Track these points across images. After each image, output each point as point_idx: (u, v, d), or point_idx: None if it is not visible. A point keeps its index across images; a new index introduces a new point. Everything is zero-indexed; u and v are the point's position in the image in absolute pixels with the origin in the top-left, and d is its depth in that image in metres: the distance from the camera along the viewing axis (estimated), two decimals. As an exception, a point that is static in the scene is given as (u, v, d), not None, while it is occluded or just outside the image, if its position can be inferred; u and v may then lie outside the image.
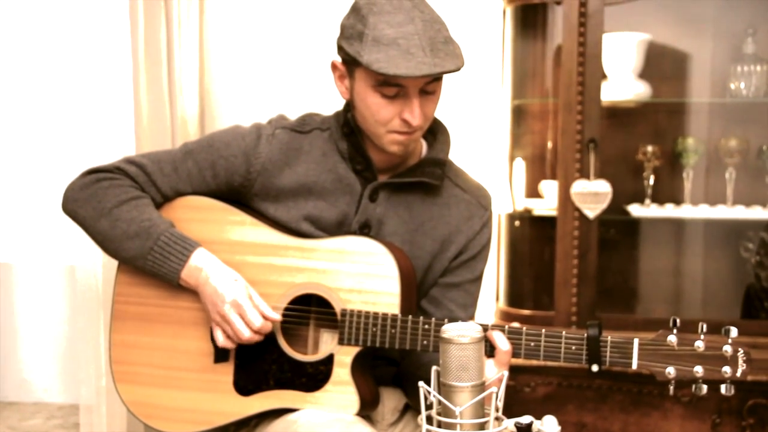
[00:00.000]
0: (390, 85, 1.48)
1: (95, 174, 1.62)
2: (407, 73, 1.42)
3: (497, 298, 2.76)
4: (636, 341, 1.43)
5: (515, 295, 2.77)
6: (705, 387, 1.41)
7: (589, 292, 2.48)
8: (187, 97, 2.84)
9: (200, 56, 2.92)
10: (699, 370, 1.40)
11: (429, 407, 1.23)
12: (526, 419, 1.27)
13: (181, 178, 1.63)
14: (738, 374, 1.39)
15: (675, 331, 1.41)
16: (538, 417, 1.30)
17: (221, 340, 1.55)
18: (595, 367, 1.44)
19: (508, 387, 1.45)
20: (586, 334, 1.45)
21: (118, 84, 2.64)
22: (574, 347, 1.45)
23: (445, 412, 1.20)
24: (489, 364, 1.44)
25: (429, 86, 1.51)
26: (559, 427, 1.27)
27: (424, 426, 1.20)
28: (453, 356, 1.18)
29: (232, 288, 1.53)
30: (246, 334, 1.51)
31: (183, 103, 2.82)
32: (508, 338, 1.47)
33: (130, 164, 1.63)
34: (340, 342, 1.53)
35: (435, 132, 1.67)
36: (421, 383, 1.23)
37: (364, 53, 1.45)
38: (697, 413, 2.32)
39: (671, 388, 1.42)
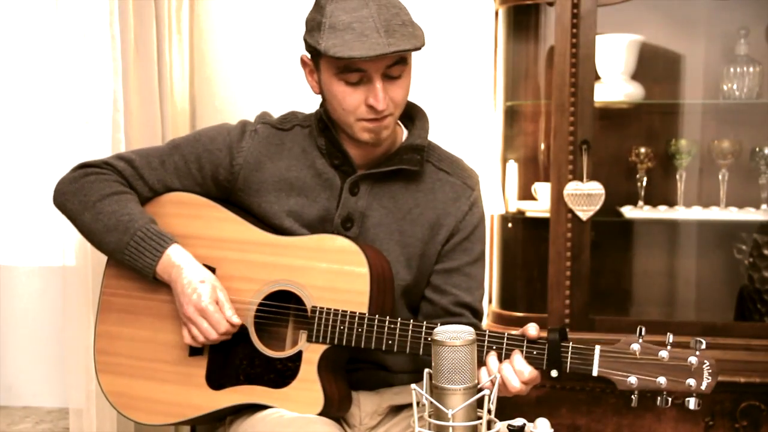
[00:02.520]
0: (351, 71, 1.50)
1: (84, 168, 1.67)
2: (361, 54, 1.44)
3: (490, 300, 2.75)
4: (597, 348, 1.42)
5: (508, 297, 2.76)
6: (670, 400, 1.37)
7: (582, 293, 2.47)
8: (178, 96, 2.83)
9: (191, 56, 2.91)
10: (662, 381, 1.37)
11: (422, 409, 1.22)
12: (518, 422, 1.26)
13: (168, 171, 1.66)
14: (702, 387, 1.36)
15: (640, 339, 1.39)
16: (531, 419, 1.29)
17: (187, 338, 1.58)
18: (554, 373, 1.43)
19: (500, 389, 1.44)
20: (547, 339, 1.44)
21: (108, 85, 2.62)
22: (535, 352, 1.45)
23: (438, 414, 1.19)
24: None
25: (392, 70, 1.52)
26: (552, 430, 1.27)
27: (417, 429, 1.19)
28: (445, 359, 1.18)
29: (198, 290, 1.55)
30: (211, 336, 1.54)
31: (173, 102, 2.80)
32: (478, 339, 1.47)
33: (119, 159, 1.68)
34: (309, 339, 1.54)
35: (413, 117, 1.68)
36: (413, 385, 1.22)
37: (322, 41, 1.48)
38: (690, 415, 2.32)
39: (634, 398, 1.39)
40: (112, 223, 1.59)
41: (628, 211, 2.65)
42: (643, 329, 1.39)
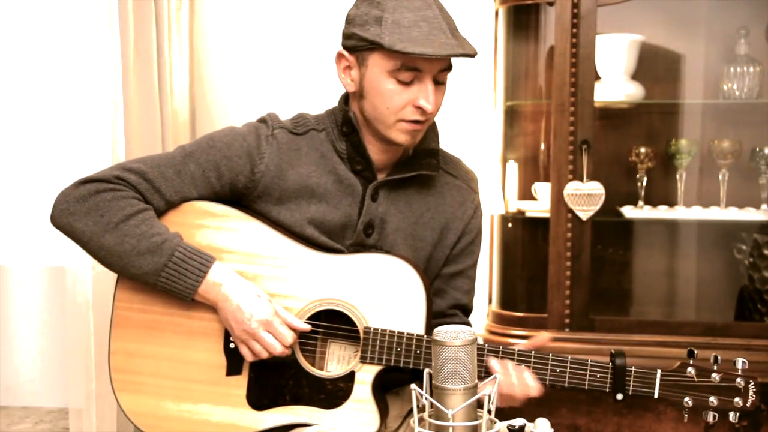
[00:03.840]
0: (407, 70, 1.47)
1: (92, 184, 1.52)
2: (434, 52, 1.42)
3: (490, 301, 2.75)
4: (659, 372, 1.48)
5: (508, 298, 2.76)
6: (716, 415, 1.48)
7: (582, 293, 2.47)
8: (178, 98, 2.83)
9: (191, 57, 2.91)
10: (713, 400, 1.47)
11: (422, 409, 1.22)
12: (518, 422, 1.26)
13: (184, 181, 1.56)
14: (748, 404, 1.47)
15: (692, 362, 1.48)
16: (531, 420, 1.29)
17: (249, 356, 1.52)
18: (619, 396, 1.49)
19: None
20: (611, 363, 1.48)
21: (108, 86, 2.62)
22: (598, 375, 1.48)
23: (438, 414, 1.18)
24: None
25: (441, 75, 1.51)
26: (552, 430, 1.26)
27: (417, 428, 1.19)
28: (445, 359, 1.17)
29: (258, 304, 1.50)
30: (278, 350, 1.49)
31: (174, 104, 2.80)
32: (534, 363, 1.49)
33: (129, 172, 1.53)
34: (362, 360, 1.51)
35: None
36: (412, 386, 1.22)
37: (386, 36, 1.44)
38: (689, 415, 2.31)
39: (686, 416, 1.49)
40: (143, 246, 1.49)
41: (628, 211, 2.65)
42: (695, 351, 1.48)
